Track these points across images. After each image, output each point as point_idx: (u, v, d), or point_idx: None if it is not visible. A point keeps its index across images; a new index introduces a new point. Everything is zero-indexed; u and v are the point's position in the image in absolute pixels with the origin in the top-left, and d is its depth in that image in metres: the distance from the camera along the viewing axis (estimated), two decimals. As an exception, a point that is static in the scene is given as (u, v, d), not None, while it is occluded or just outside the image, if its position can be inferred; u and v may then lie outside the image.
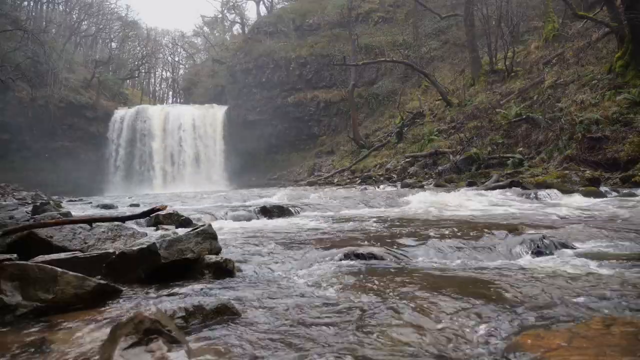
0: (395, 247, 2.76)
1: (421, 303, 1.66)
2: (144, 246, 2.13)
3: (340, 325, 1.45)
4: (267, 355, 1.23)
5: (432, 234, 3.29)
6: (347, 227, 4.12)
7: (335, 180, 20.01)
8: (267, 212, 5.45)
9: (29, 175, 26.34)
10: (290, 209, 5.71)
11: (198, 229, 2.33)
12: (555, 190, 7.18)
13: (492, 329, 1.39)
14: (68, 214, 5.36)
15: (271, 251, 2.83)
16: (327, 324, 1.46)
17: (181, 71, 59.87)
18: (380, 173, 17.76)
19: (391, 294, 1.80)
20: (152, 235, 3.08)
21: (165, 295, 1.88)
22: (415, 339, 1.32)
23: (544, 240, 2.77)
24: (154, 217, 4.31)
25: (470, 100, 19.06)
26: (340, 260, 2.46)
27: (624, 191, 7.22)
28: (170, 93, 60.70)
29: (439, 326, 1.42)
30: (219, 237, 2.50)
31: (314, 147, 29.41)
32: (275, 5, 44.16)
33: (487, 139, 14.64)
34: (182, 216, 4.60)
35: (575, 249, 2.72)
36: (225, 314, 1.54)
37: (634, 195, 6.73)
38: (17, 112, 28.60)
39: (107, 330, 1.25)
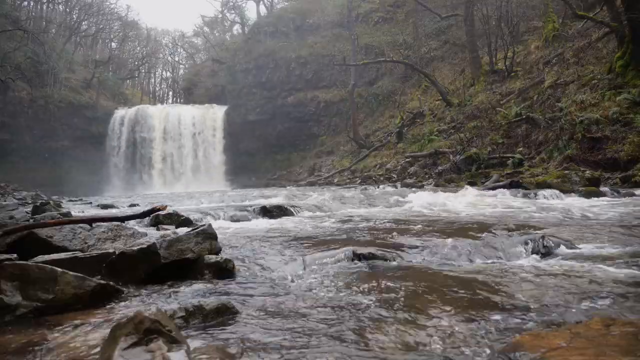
0: (395, 247, 2.75)
1: (421, 303, 1.66)
2: (144, 246, 2.14)
3: (341, 325, 1.45)
4: (267, 356, 1.23)
5: (431, 233, 3.28)
6: (347, 227, 4.11)
7: (335, 180, 20.03)
8: (267, 212, 5.44)
9: (29, 175, 26.33)
10: (290, 209, 5.70)
11: (198, 229, 2.34)
12: (555, 190, 7.17)
13: (492, 328, 1.39)
14: (68, 214, 5.37)
15: (271, 251, 2.83)
16: (327, 324, 1.46)
17: (181, 71, 59.80)
18: (380, 173, 17.77)
19: (391, 293, 1.80)
20: (152, 235, 3.08)
21: (165, 295, 1.88)
22: (416, 339, 1.32)
23: (544, 240, 2.76)
24: (154, 217, 4.31)
25: (470, 100, 19.06)
26: (340, 260, 2.46)
27: (624, 191, 7.22)
28: (170, 93, 60.66)
29: (440, 326, 1.42)
30: (219, 237, 2.50)
31: (314, 147, 29.42)
32: (275, 5, 44.17)
33: (487, 139, 14.65)
34: (182, 216, 4.59)
35: (575, 249, 2.72)
36: (225, 314, 1.54)
37: (634, 195, 6.72)
38: (17, 112, 28.64)
39: (107, 330, 1.25)
